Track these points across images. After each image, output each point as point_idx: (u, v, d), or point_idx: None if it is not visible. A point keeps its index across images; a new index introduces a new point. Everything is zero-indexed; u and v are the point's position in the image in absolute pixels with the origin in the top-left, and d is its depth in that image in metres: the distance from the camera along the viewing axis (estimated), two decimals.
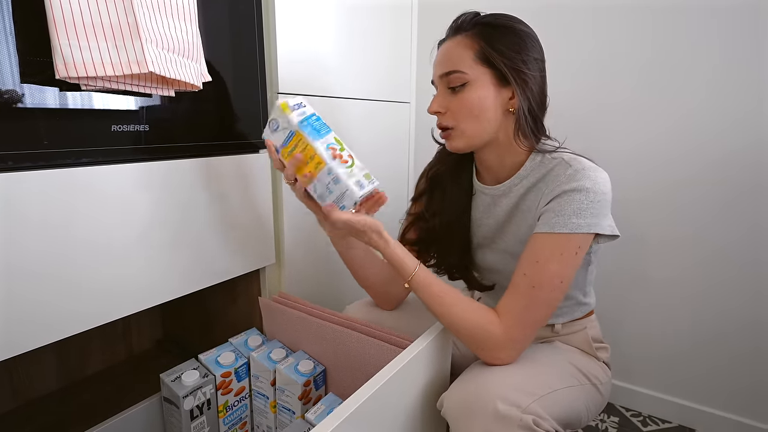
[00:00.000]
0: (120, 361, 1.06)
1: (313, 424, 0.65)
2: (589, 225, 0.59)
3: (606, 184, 0.61)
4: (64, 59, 0.49)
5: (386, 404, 0.57)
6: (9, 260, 0.52)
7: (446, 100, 0.67)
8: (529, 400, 0.56)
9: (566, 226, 0.59)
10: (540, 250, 0.60)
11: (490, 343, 0.60)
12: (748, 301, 1.04)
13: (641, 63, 1.07)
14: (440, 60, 0.67)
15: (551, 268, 0.59)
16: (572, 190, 0.60)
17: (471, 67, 0.63)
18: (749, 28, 0.95)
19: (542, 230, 0.61)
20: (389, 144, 1.26)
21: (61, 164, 0.55)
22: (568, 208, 0.60)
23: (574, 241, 0.59)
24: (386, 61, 1.20)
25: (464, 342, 0.63)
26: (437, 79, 0.68)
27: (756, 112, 0.97)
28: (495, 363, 0.61)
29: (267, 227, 0.87)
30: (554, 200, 0.62)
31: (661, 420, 1.18)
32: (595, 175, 0.61)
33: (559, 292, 0.60)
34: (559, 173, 0.63)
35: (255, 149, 0.82)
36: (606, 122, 1.13)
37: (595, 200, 0.59)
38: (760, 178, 0.99)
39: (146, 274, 0.66)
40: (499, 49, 0.63)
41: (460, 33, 0.65)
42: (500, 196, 0.72)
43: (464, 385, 0.60)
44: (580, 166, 0.62)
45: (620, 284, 1.18)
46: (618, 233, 0.62)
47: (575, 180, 0.60)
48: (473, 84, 0.64)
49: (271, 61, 0.84)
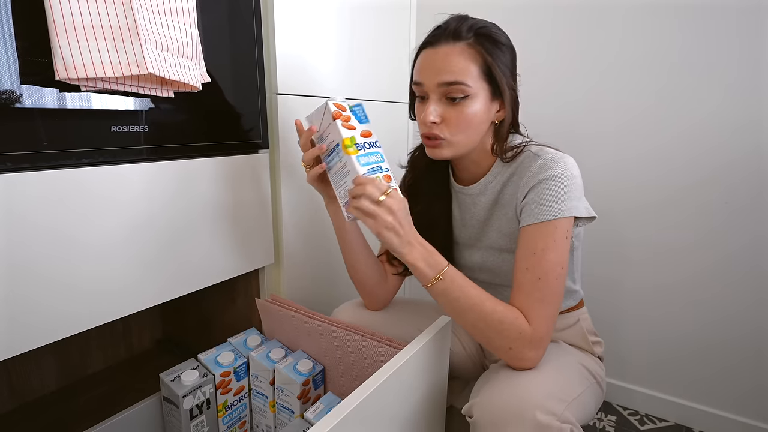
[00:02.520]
0: (120, 361, 1.06)
1: (312, 423, 0.66)
2: (570, 208, 0.61)
3: (575, 167, 0.64)
4: (64, 60, 0.49)
5: (384, 403, 0.58)
6: (8, 261, 0.52)
7: (442, 110, 0.65)
8: (562, 407, 0.55)
9: (549, 213, 0.61)
10: (533, 241, 0.62)
11: (522, 341, 0.59)
12: (747, 303, 1.04)
13: (647, 69, 1.07)
14: (437, 67, 0.64)
15: (550, 257, 0.60)
16: (546, 178, 0.63)
17: (474, 81, 0.63)
18: (755, 32, 0.95)
19: (529, 222, 0.63)
20: (388, 144, 1.26)
21: (60, 165, 0.55)
22: (547, 195, 0.62)
23: (560, 225, 0.61)
24: (385, 61, 1.20)
25: (492, 341, 0.60)
26: (432, 86, 0.65)
27: (761, 118, 0.97)
28: (523, 364, 0.60)
29: (266, 227, 0.87)
30: (531, 191, 0.64)
31: (659, 419, 1.19)
32: (563, 161, 0.64)
33: (563, 278, 0.61)
34: (530, 165, 0.66)
35: (254, 149, 0.82)
36: (610, 129, 1.14)
37: (569, 184, 0.62)
38: (763, 184, 0.99)
39: (146, 274, 0.67)
40: (500, 66, 0.64)
41: (460, 41, 0.63)
42: (478, 195, 0.74)
43: (497, 392, 0.58)
44: (549, 156, 0.64)
45: (620, 285, 1.18)
46: (594, 214, 0.64)
47: (546, 169, 0.63)
48: (474, 98, 0.64)
49: (270, 62, 0.85)
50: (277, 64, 0.84)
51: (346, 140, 0.64)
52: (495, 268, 0.75)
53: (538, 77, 1.19)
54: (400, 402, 0.62)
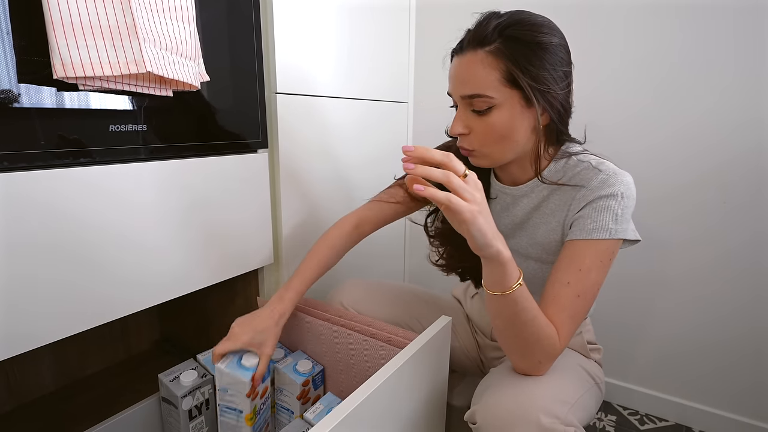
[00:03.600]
0: (118, 361, 1.05)
1: (312, 423, 0.65)
2: (624, 230, 0.59)
3: (634, 188, 0.62)
4: (62, 59, 0.49)
5: (385, 404, 0.57)
6: (5, 261, 0.51)
7: (469, 120, 0.62)
8: (566, 410, 0.55)
9: (605, 232, 0.59)
10: (581, 257, 0.59)
11: (551, 356, 0.57)
12: (747, 303, 1.04)
13: (646, 68, 1.07)
14: (461, 78, 0.61)
15: (593, 277, 0.58)
16: (608, 195, 0.60)
17: (497, 90, 0.58)
18: (756, 31, 0.95)
19: (580, 237, 0.60)
20: (386, 143, 1.26)
21: (57, 164, 0.55)
22: (606, 213, 0.59)
23: (611, 247, 0.59)
24: (384, 61, 1.20)
25: (526, 355, 0.57)
26: (457, 98, 0.62)
27: (759, 115, 0.97)
28: (538, 373, 0.59)
29: (265, 227, 0.87)
30: (589, 206, 0.61)
31: (659, 418, 1.19)
32: (626, 180, 0.61)
33: (594, 299, 0.60)
34: (590, 178, 0.62)
35: (253, 149, 0.82)
36: (608, 127, 1.13)
37: (629, 205, 0.60)
38: (762, 181, 0.99)
39: (144, 274, 0.66)
40: (527, 69, 0.57)
41: (483, 47, 0.58)
42: (521, 197, 0.70)
43: (499, 397, 0.57)
44: (611, 171, 0.61)
45: (619, 284, 1.18)
46: (639, 238, 0.62)
47: (609, 185, 0.60)
48: (500, 107, 0.59)
49: (269, 61, 0.84)
50: (276, 64, 0.84)
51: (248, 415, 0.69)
52: None
53: None
54: (401, 402, 0.62)
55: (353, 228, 0.81)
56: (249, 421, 0.72)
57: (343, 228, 0.80)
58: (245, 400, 0.69)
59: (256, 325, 0.69)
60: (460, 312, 0.90)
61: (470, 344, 0.87)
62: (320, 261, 0.77)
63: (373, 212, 0.82)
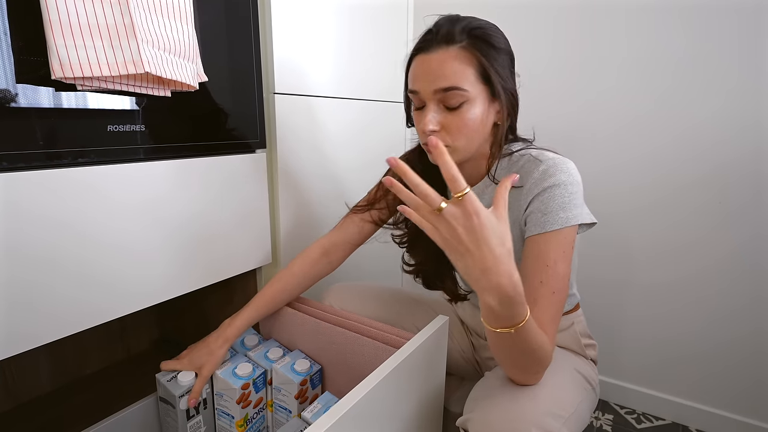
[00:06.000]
0: (116, 361, 1.05)
1: (310, 422, 0.65)
2: (576, 216, 0.60)
3: (577, 173, 0.62)
4: (60, 59, 0.49)
5: (382, 403, 0.58)
6: (4, 261, 0.52)
7: (441, 117, 0.62)
8: (559, 424, 0.54)
9: (557, 222, 0.59)
10: (545, 253, 0.59)
11: (546, 364, 0.55)
12: (746, 303, 1.05)
13: (646, 71, 1.07)
14: (435, 74, 0.61)
15: (560, 270, 0.58)
16: (551, 186, 0.61)
17: (472, 85, 0.60)
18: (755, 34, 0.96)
19: (536, 232, 0.61)
20: (385, 143, 1.26)
21: (56, 165, 0.55)
22: (553, 204, 0.60)
23: (569, 235, 0.60)
24: (382, 61, 1.20)
25: (527, 372, 0.56)
26: (428, 94, 0.62)
27: (760, 118, 0.98)
28: (533, 383, 0.57)
29: (263, 227, 0.87)
30: (536, 199, 0.62)
31: (655, 417, 1.19)
32: (566, 166, 0.62)
33: (567, 290, 0.60)
34: (531, 170, 0.63)
35: (251, 149, 0.82)
36: (608, 130, 1.14)
37: (573, 191, 0.61)
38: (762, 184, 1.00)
39: (143, 274, 0.66)
40: (496, 67, 0.61)
41: (453, 44, 0.60)
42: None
43: (493, 409, 0.55)
44: (551, 161, 0.62)
45: (617, 285, 1.19)
46: (595, 220, 0.63)
47: (550, 175, 0.61)
48: (472, 102, 0.61)
49: (267, 61, 0.84)
50: (275, 64, 0.84)
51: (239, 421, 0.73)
52: None
53: (537, 79, 1.19)
54: (398, 401, 0.62)
55: (321, 255, 0.81)
56: (239, 428, 0.74)
57: (309, 256, 0.81)
58: (236, 406, 0.73)
59: (200, 348, 0.74)
60: (453, 313, 0.91)
61: (465, 345, 0.87)
62: (276, 291, 0.79)
63: (342, 233, 0.82)
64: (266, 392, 0.79)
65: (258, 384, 0.76)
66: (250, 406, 0.76)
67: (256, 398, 0.76)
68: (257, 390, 0.76)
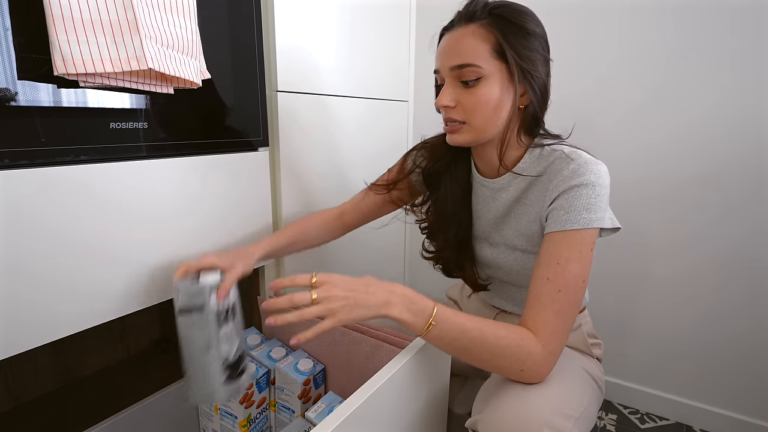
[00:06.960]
0: (117, 361, 1.05)
1: (314, 422, 0.65)
2: (599, 219, 0.59)
3: (607, 177, 0.61)
4: (63, 55, 0.49)
5: (387, 403, 0.57)
6: (5, 259, 0.51)
7: (457, 94, 0.63)
8: (570, 424, 0.54)
9: (578, 222, 0.58)
10: (558, 250, 0.58)
11: (531, 361, 0.55)
12: (748, 301, 1.05)
13: (644, 67, 1.07)
14: (451, 50, 0.62)
15: (573, 269, 0.57)
16: (578, 185, 0.59)
17: (487, 61, 0.60)
18: (751, 30, 0.96)
19: (555, 229, 0.59)
20: (387, 142, 1.26)
21: (58, 162, 0.55)
22: (577, 203, 0.59)
23: (588, 236, 0.58)
24: (385, 59, 1.20)
25: (503, 368, 0.56)
26: (446, 71, 0.63)
27: (759, 113, 0.98)
28: (534, 381, 0.57)
29: (266, 225, 0.87)
30: (561, 197, 0.60)
31: (659, 417, 1.19)
32: (597, 168, 0.60)
33: (582, 292, 0.59)
34: (561, 168, 0.62)
35: (254, 147, 0.82)
36: (606, 125, 1.14)
37: (601, 194, 0.59)
38: (761, 179, 0.99)
39: (144, 273, 0.66)
40: (514, 45, 0.60)
41: (473, 22, 0.61)
42: (499, 190, 0.71)
43: (502, 410, 0.55)
44: (582, 160, 0.61)
45: (621, 283, 1.18)
46: (619, 225, 0.62)
47: (579, 175, 0.60)
48: (488, 79, 0.61)
49: (270, 59, 0.84)
50: (278, 61, 0.84)
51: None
52: (506, 267, 0.73)
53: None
54: (402, 401, 0.61)
55: (338, 215, 0.85)
56: (243, 428, 0.73)
57: (327, 213, 0.85)
58: (239, 406, 0.71)
59: (223, 254, 0.67)
60: None
61: None
62: (295, 230, 0.80)
63: (358, 203, 0.85)
64: (269, 392, 0.78)
65: (261, 384, 0.76)
66: (253, 405, 0.75)
67: (259, 398, 0.76)
68: (260, 390, 0.76)
